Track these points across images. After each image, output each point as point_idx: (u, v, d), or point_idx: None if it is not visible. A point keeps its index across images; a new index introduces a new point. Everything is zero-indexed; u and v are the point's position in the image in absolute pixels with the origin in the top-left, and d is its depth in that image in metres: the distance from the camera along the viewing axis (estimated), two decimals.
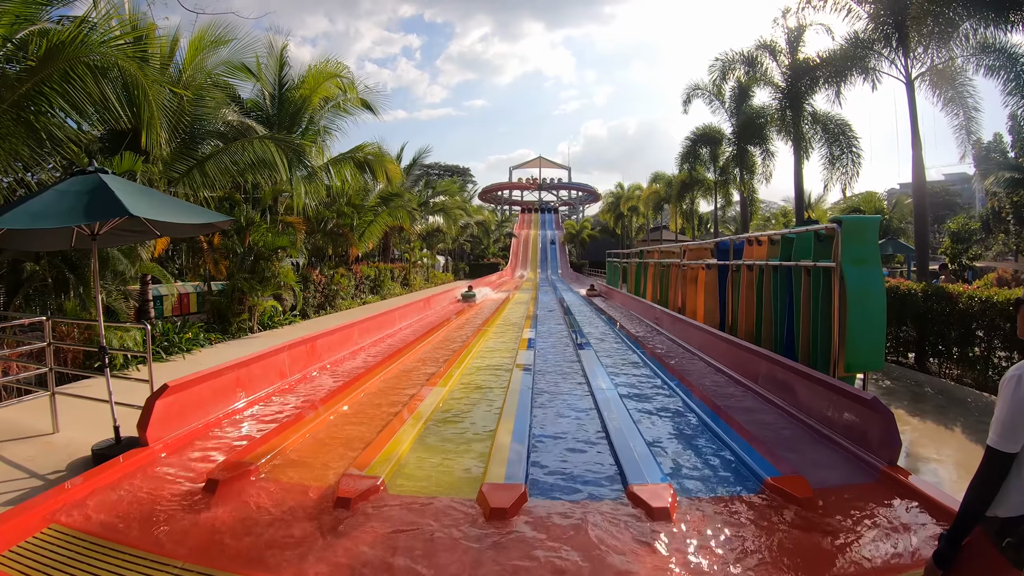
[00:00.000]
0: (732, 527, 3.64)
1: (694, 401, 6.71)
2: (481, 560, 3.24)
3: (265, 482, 4.33)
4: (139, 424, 4.89)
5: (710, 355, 9.11)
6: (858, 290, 6.30)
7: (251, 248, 13.35)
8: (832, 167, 18.90)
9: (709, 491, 4.26)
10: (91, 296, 9.02)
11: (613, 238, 55.05)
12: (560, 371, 8.64)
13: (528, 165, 76.54)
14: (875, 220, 6.89)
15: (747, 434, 5.37)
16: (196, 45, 11.47)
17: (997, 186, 27.21)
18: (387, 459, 4.71)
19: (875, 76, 15.86)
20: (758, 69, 21.09)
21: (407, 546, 3.35)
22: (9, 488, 4.46)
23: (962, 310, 8.47)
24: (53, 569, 3.19)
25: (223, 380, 6.06)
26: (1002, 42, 13.39)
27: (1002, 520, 1.85)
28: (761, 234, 9.31)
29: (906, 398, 7.68)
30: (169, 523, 3.68)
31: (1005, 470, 1.84)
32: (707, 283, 11.69)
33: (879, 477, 4.34)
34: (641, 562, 3.22)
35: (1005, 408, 1.84)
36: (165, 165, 10.74)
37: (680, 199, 35.84)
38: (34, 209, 4.55)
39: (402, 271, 28.91)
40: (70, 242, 6.12)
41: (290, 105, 16.33)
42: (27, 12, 7.36)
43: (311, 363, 8.27)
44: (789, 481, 4.13)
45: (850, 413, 5.12)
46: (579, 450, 5.19)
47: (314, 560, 3.23)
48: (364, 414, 6.27)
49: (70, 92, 7.29)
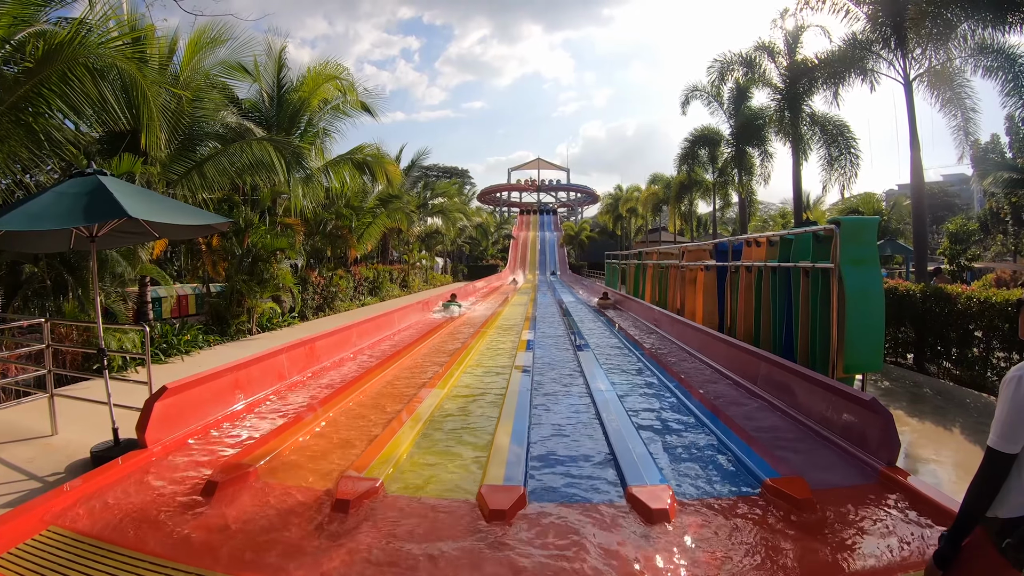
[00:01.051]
0: (731, 528, 3.64)
1: (692, 402, 6.71)
2: (481, 561, 3.23)
3: (264, 484, 4.32)
4: (138, 426, 4.88)
5: (710, 357, 9.11)
6: (857, 291, 6.31)
7: (250, 250, 13.34)
8: (831, 168, 18.95)
9: (708, 492, 4.26)
10: (90, 298, 9.02)
11: (612, 239, 55.05)
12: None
13: (527, 167, 76.57)
14: (874, 221, 6.91)
15: (746, 435, 5.37)
16: (194, 45, 11.47)
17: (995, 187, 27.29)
18: (386, 461, 4.70)
19: (873, 77, 15.89)
20: (756, 70, 21.12)
21: (406, 548, 3.35)
22: (8, 490, 4.46)
23: (961, 311, 8.48)
24: (51, 571, 3.18)
25: (222, 382, 6.06)
26: (1000, 43, 13.44)
27: (1002, 521, 1.86)
28: (760, 235, 9.32)
29: (905, 399, 7.69)
30: (168, 525, 3.67)
31: (1005, 471, 1.84)
32: (706, 284, 11.70)
33: (878, 478, 4.34)
34: (641, 564, 3.22)
35: (1005, 409, 1.84)
36: (164, 167, 10.74)
37: (679, 200, 35.86)
38: (33, 211, 4.55)
39: (401, 273, 28.91)
40: (69, 244, 6.12)
41: (289, 107, 16.32)
42: (25, 13, 7.37)
43: (310, 365, 8.26)
44: (788, 482, 4.12)
45: (849, 414, 5.12)
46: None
47: (312, 562, 3.22)
48: (363, 416, 6.26)
49: (69, 94, 7.29)
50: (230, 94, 14.41)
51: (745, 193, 26.59)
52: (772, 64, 20.43)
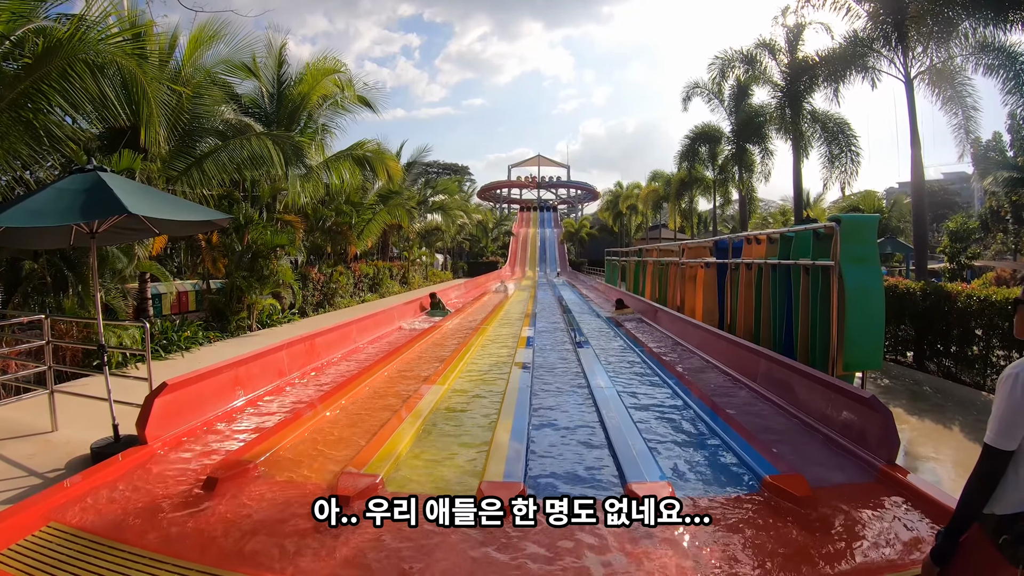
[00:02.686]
0: (731, 525, 3.65)
1: (692, 400, 6.71)
2: (480, 557, 3.24)
3: (264, 480, 4.33)
4: (138, 422, 4.89)
5: (711, 355, 9.12)
6: (857, 289, 6.31)
7: (250, 246, 13.34)
8: (831, 166, 18.98)
9: (708, 489, 4.27)
10: (90, 294, 9.02)
11: (612, 236, 55.03)
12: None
13: (527, 163, 76.45)
14: (874, 219, 6.91)
15: (746, 433, 5.37)
16: (195, 42, 11.46)
17: (995, 186, 27.28)
18: (386, 457, 4.71)
19: (874, 75, 15.91)
20: (757, 68, 21.15)
21: (406, 543, 3.36)
22: (8, 487, 4.48)
23: (961, 309, 8.50)
24: (52, 567, 3.18)
25: (222, 378, 6.06)
26: (1001, 41, 13.45)
27: (999, 517, 1.87)
28: (760, 233, 9.32)
29: (905, 397, 7.71)
30: (168, 521, 3.68)
31: (1002, 467, 1.85)
32: (706, 282, 11.71)
33: (877, 476, 4.35)
34: (640, 560, 3.23)
35: (1002, 406, 1.86)
36: (163, 163, 10.73)
37: (679, 198, 35.90)
38: (33, 207, 4.56)
39: (400, 269, 28.92)
40: (69, 240, 6.12)
41: (288, 103, 16.33)
42: (24, 9, 7.35)
43: (310, 361, 8.26)
44: (788, 480, 4.13)
45: (848, 412, 5.13)
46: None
47: (312, 557, 3.24)
48: (363, 412, 6.27)
49: (69, 90, 7.28)
50: (230, 91, 14.42)
51: (745, 190, 26.62)
52: (773, 61, 20.47)
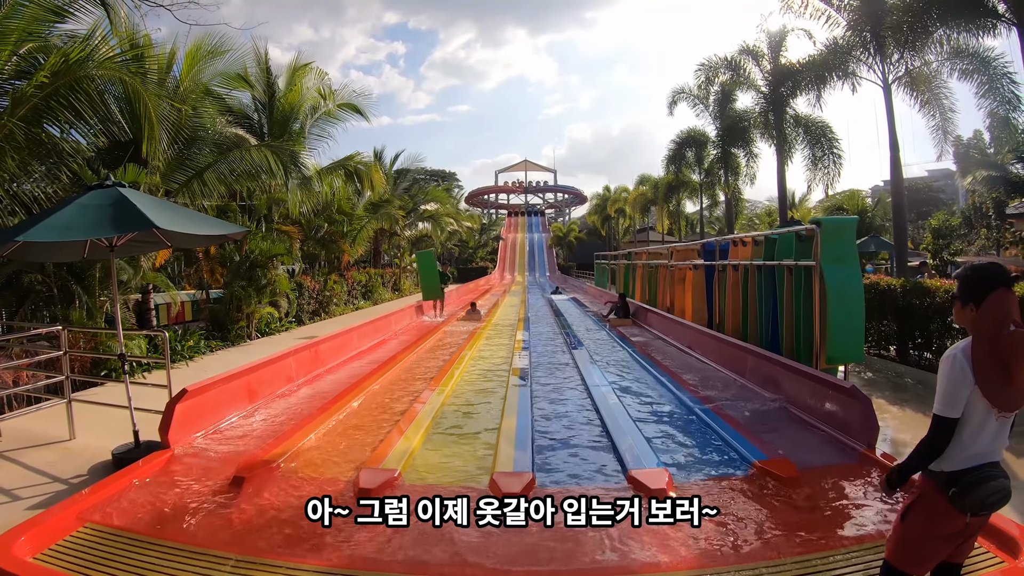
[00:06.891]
0: (724, 506, 3.95)
1: (685, 395, 7.03)
2: (497, 541, 3.52)
3: (288, 477, 4.57)
4: (160, 427, 5.09)
5: (701, 353, 9.45)
6: (837, 287, 6.63)
7: (248, 256, 13.50)
8: (815, 168, 19.46)
9: (702, 474, 4.58)
10: (97, 306, 9.19)
11: (600, 240, 55.21)
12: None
13: (514, 168, 76.60)
14: (852, 221, 7.28)
15: (736, 423, 5.70)
16: (192, 57, 11.65)
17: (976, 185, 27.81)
18: (402, 453, 4.98)
19: (855, 80, 16.40)
20: (741, 74, 21.55)
21: (428, 531, 3.57)
22: (37, 492, 4.63)
23: (940, 303, 8.86)
24: (94, 565, 3.36)
25: (237, 384, 6.29)
26: (975, 47, 13.93)
27: (947, 474, 2.25)
28: (745, 235, 9.66)
29: (887, 388, 8.06)
30: (201, 517, 3.91)
31: (950, 432, 2.25)
32: (694, 283, 12.03)
33: (859, 459, 4.68)
34: (642, 539, 3.51)
35: (944, 382, 2.27)
36: (163, 176, 10.90)
37: (667, 201, 36.21)
38: (58, 223, 4.75)
39: (392, 276, 29.06)
40: (83, 253, 6.26)
41: (279, 113, 16.61)
42: (33, 28, 7.56)
43: (316, 367, 8.48)
44: (775, 463, 4.46)
45: (831, 401, 5.47)
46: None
47: (338, 545, 3.50)
48: (374, 412, 6.55)
49: (76, 106, 7.50)
50: (224, 104, 14.61)
51: (731, 193, 27.05)
52: (756, 68, 20.87)
